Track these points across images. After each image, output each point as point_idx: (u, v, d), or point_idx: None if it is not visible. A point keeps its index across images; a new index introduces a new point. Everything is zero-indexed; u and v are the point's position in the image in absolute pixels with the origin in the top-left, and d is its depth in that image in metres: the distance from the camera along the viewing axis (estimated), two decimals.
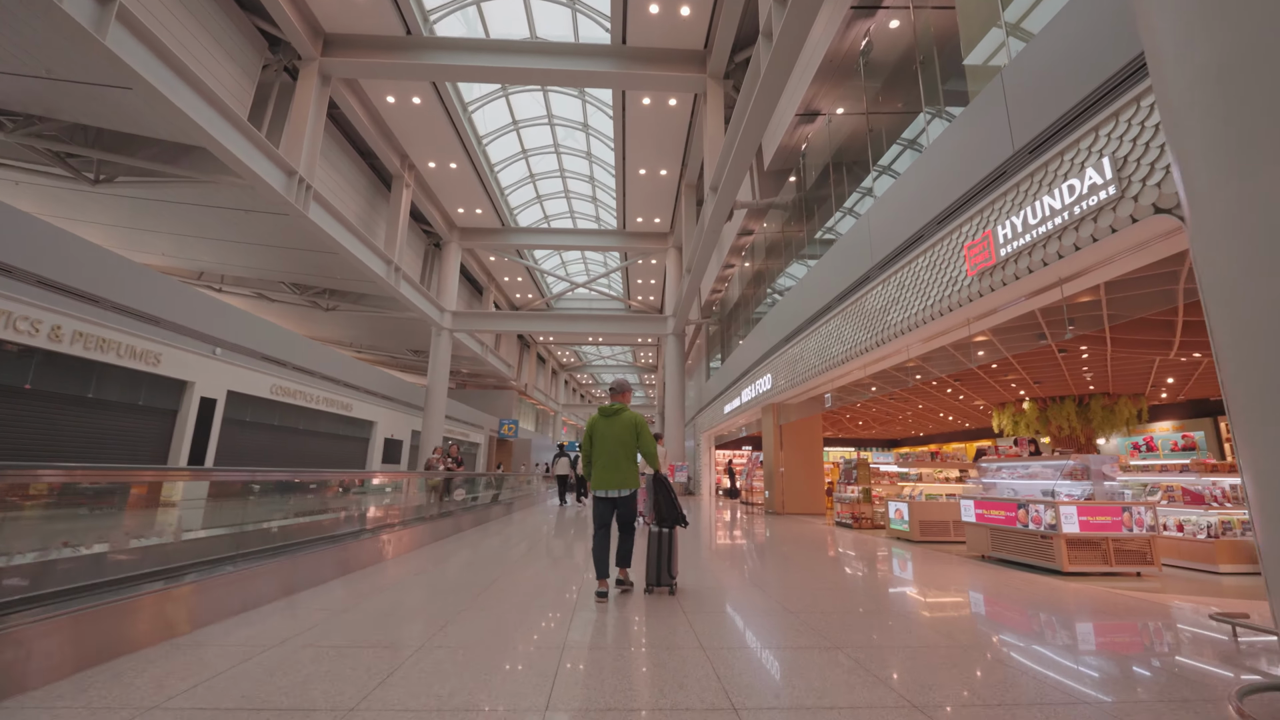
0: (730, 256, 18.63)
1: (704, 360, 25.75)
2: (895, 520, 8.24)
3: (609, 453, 4.33)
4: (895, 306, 7.31)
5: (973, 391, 11.94)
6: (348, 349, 31.00)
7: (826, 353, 9.47)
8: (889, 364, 8.70)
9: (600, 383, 48.00)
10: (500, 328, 23.70)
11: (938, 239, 6.46)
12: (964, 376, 10.21)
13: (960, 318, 6.40)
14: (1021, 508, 5.79)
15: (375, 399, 20.23)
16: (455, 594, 4.56)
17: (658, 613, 3.98)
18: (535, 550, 7.16)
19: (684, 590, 4.68)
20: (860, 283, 8.48)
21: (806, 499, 13.08)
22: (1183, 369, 9.45)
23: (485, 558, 6.53)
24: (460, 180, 20.24)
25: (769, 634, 3.57)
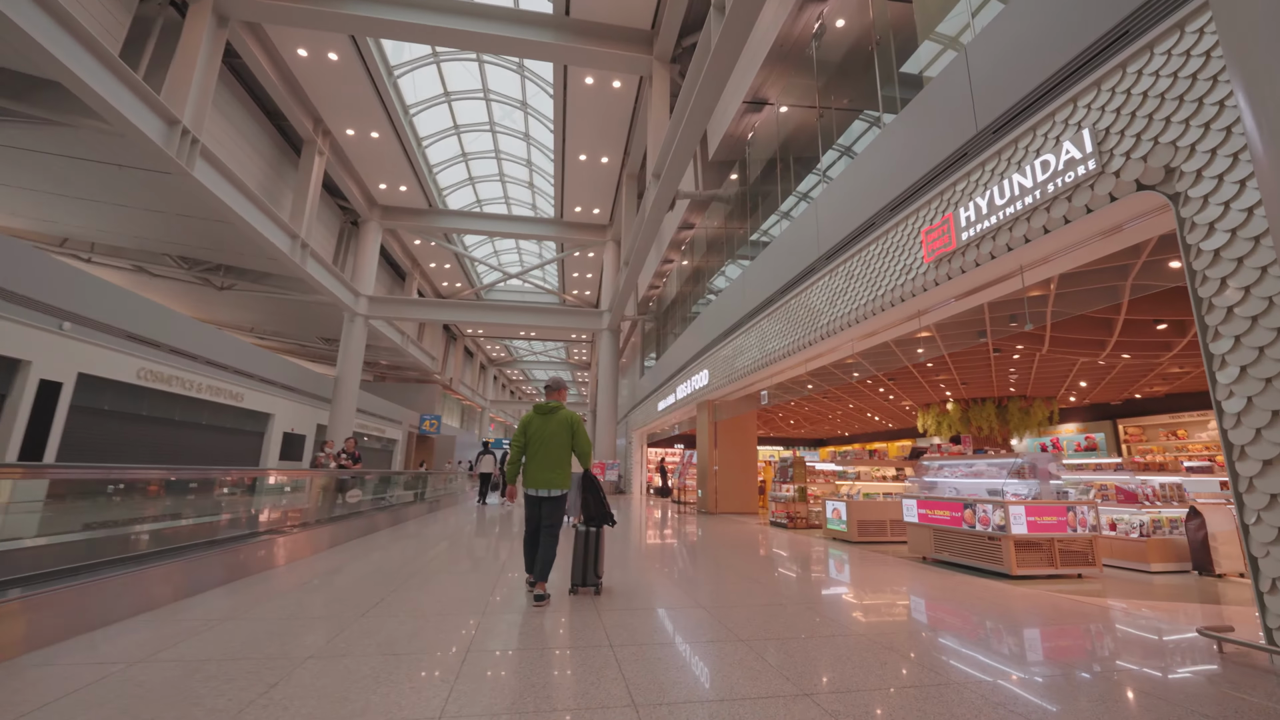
0: (670, 252, 18.15)
1: (638, 358, 25.22)
2: (833, 520, 7.92)
3: (544, 452, 4.23)
4: (842, 298, 6.94)
5: (903, 391, 12.04)
6: (247, 334, 28.07)
7: (766, 348, 9.08)
8: (830, 360, 8.39)
9: (532, 379, 46.42)
10: (423, 316, 22.05)
11: (891, 225, 6.12)
12: (899, 375, 10.17)
13: (912, 309, 6.08)
14: (968, 508, 5.52)
15: (273, 389, 18.14)
16: (350, 601, 4.00)
17: (577, 614, 3.77)
18: (448, 553, 6.27)
19: (610, 590, 4.54)
20: (805, 274, 8.11)
21: (740, 498, 12.74)
22: (1097, 373, 9.83)
23: (393, 561, 5.78)
24: (382, 152, 18.56)
25: (684, 630, 3.43)
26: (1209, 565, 5.36)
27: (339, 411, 20.26)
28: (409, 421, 29.72)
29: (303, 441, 20.22)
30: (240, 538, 5.59)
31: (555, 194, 21.04)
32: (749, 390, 11.42)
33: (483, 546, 7.25)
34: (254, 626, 3.30)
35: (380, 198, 21.20)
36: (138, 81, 10.15)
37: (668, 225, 17.18)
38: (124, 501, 5.06)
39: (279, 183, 17.58)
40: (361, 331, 21.02)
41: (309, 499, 8.04)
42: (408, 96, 17.83)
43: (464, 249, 25.89)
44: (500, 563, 5.74)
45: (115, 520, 4.85)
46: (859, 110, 8.53)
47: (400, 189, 20.58)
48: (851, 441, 22.61)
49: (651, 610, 3.96)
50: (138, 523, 4.97)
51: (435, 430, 30.97)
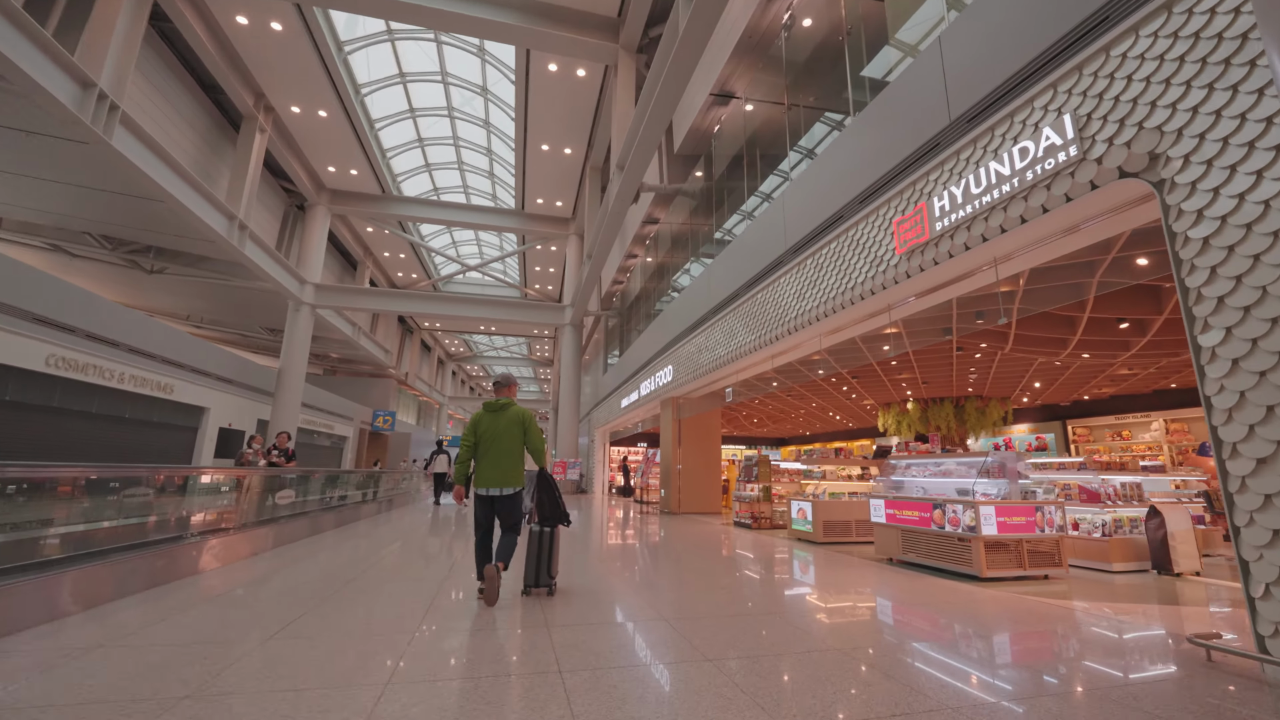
0: (634, 246, 17.79)
1: (601, 355, 24.77)
2: (798, 520, 7.73)
3: (495, 450, 4.08)
4: (811, 292, 6.73)
5: (866, 390, 12.04)
6: (183, 323, 26.25)
7: (732, 343, 8.83)
8: (796, 356, 8.20)
9: (493, 375, 45.33)
10: (375, 307, 21.03)
11: (861, 216, 5.92)
12: (863, 373, 10.12)
13: (881, 303, 5.90)
14: (938, 508, 5.37)
15: (208, 380, 16.90)
16: (267, 617, 3.60)
17: (526, 629, 3.43)
18: (391, 559, 5.77)
19: (566, 593, 4.36)
20: (772, 268, 7.89)
21: (704, 498, 12.51)
22: (1052, 373, 10.01)
23: (330, 567, 5.39)
24: (331, 133, 17.53)
25: (645, 647, 3.15)
26: (1167, 564, 5.37)
27: (282, 406, 19.11)
28: (360, 418, 28.43)
29: (242, 437, 18.95)
30: (162, 541, 5.06)
31: (516, 185, 20.38)
32: (714, 387, 11.18)
33: (429, 551, 6.74)
34: (134, 656, 2.77)
35: (329, 181, 20.08)
36: (45, 38, 9.12)
37: (632, 219, 16.82)
38: (26, 503, 4.41)
39: (215, 160, 16.36)
40: (307, 321, 19.87)
41: (244, 499, 7.50)
42: (360, 75, 16.89)
43: (420, 238, 24.87)
44: (445, 570, 5.27)
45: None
46: (826, 109, 8.37)
47: (351, 173, 19.53)
48: (813, 441, 22.81)
49: (608, 624, 3.59)
50: (38, 526, 4.33)
51: (389, 427, 29.76)
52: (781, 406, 15.31)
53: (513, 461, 4.10)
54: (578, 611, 3.82)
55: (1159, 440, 11.86)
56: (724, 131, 11.71)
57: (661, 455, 13.03)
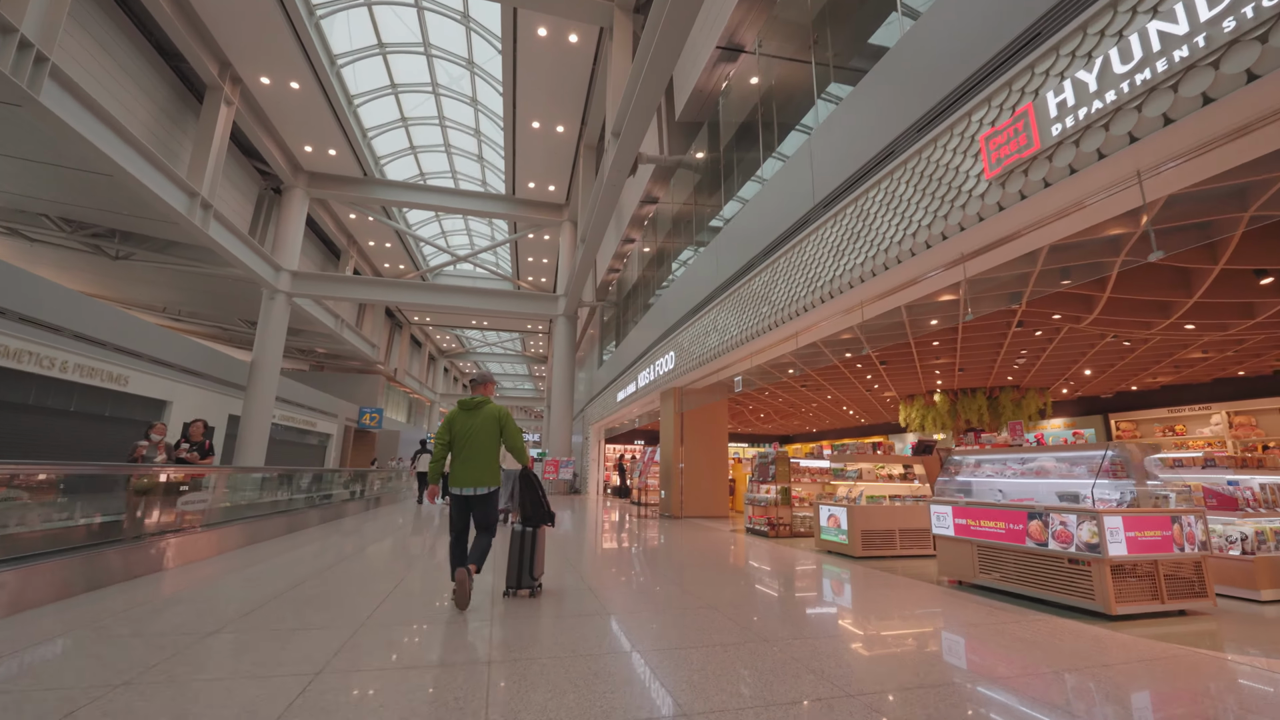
0: (631, 230, 16.37)
1: (596, 349, 23.31)
2: (828, 529, 6.34)
3: (470, 449, 3.92)
4: (852, 247, 5.33)
5: (893, 378, 10.63)
6: (159, 315, 24.68)
7: (744, 322, 7.42)
8: (823, 333, 6.81)
9: (472, 373, 43.72)
10: (355, 295, 19.52)
11: (926, 142, 4.53)
12: (895, 357, 8.75)
13: (951, 251, 4.50)
14: (1036, 518, 3.97)
15: (171, 372, 15.40)
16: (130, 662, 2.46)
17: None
18: (347, 569, 4.60)
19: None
20: (796, 229, 6.49)
21: (708, 500, 11.09)
22: (1113, 356, 8.56)
23: (272, 578, 4.53)
24: (305, 107, 16.04)
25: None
26: None
27: (254, 400, 17.61)
28: (346, 415, 26.91)
29: (211, 434, 17.40)
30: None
31: (506, 167, 18.93)
32: (720, 376, 9.78)
33: (395, 558, 5.33)
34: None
35: (306, 162, 18.58)
36: None
37: (629, 199, 15.41)
38: None
39: (176, 133, 14.86)
40: (283, 311, 18.37)
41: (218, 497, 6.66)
42: (335, 45, 15.44)
43: (407, 227, 23.39)
44: (406, 570, 3.86)
45: None
46: (866, 41, 6.97)
47: (329, 153, 18.04)
48: (821, 438, 21.40)
49: (591, 688, 2.23)
50: None
51: (376, 424, 28.24)
52: (793, 399, 13.90)
53: (488, 460, 3.92)
54: (557, 662, 2.40)
55: (1220, 435, 10.51)
56: (733, 91, 10.30)
57: (661, 453, 11.62)
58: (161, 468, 5.58)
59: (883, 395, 12.44)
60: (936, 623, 3.60)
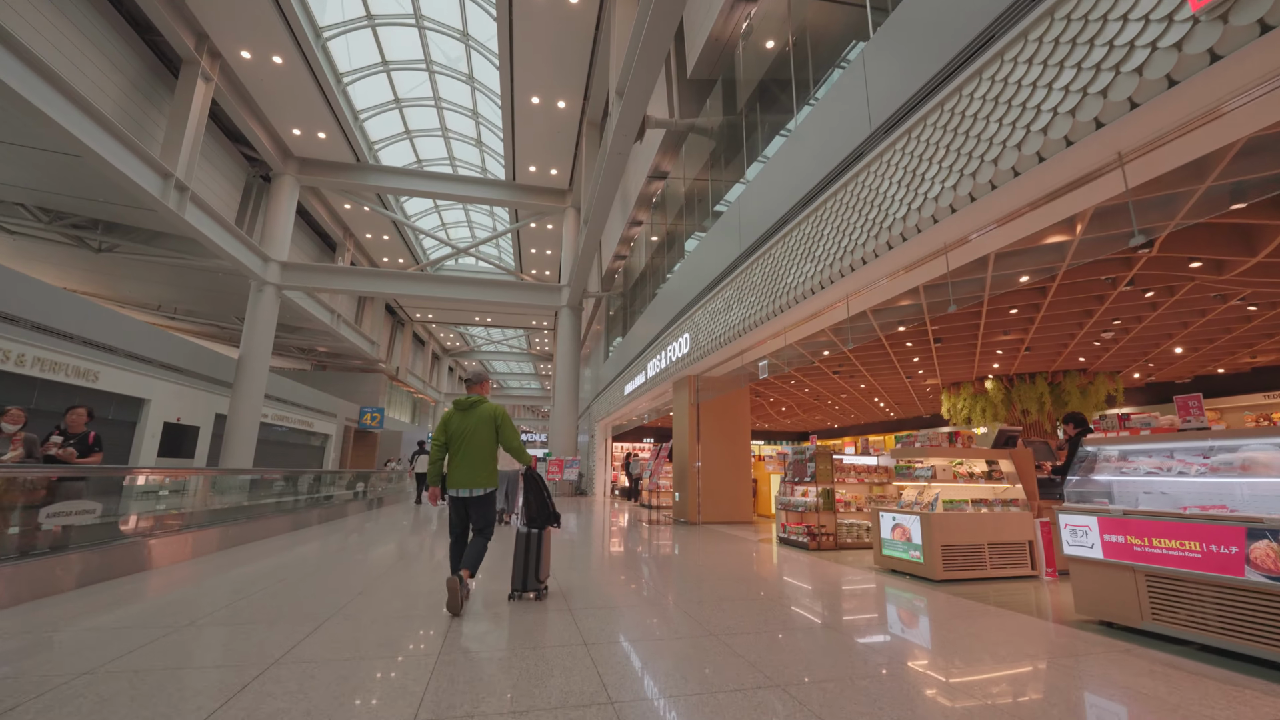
0: (638, 210, 14.99)
1: (602, 344, 21.96)
2: (894, 543, 4.93)
3: (466, 449, 3.78)
4: (935, 169, 3.94)
5: (946, 360, 9.10)
6: (153, 314, 23.62)
7: (779, 289, 6.03)
8: (882, 298, 5.41)
9: (492, 371, 42.53)
10: (348, 287, 18.29)
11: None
12: (955, 331, 7.31)
13: (1104, 150, 3.10)
14: (1266, 538, 2.56)
15: (148, 368, 14.21)
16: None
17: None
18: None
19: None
20: (848, 163, 5.10)
21: (730, 503, 9.68)
22: (1221, 328, 7.04)
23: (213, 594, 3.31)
24: (290, 84, 14.82)
25: None
26: None
27: (242, 399, 16.41)
28: (346, 414, 25.74)
29: (196, 434, 16.26)
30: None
31: (505, 150, 17.63)
32: (743, 360, 8.37)
33: (375, 570, 4.00)
34: None
35: (296, 147, 17.38)
36: None
37: (635, 174, 14.06)
38: None
39: (150, 111, 13.68)
40: (272, 304, 17.17)
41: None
42: (320, 16, 14.21)
43: (405, 217, 22.16)
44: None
45: None
46: None
47: (318, 136, 16.82)
48: (841, 435, 19.89)
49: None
50: None
51: (378, 424, 27.07)
52: (821, 389, 12.40)
53: (484, 461, 3.81)
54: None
55: None
56: (755, 33, 8.90)
57: (675, 451, 10.23)
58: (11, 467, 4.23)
59: (923, 384, 10.98)
60: (1114, 706, 2.19)
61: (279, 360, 29.06)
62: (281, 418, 20.29)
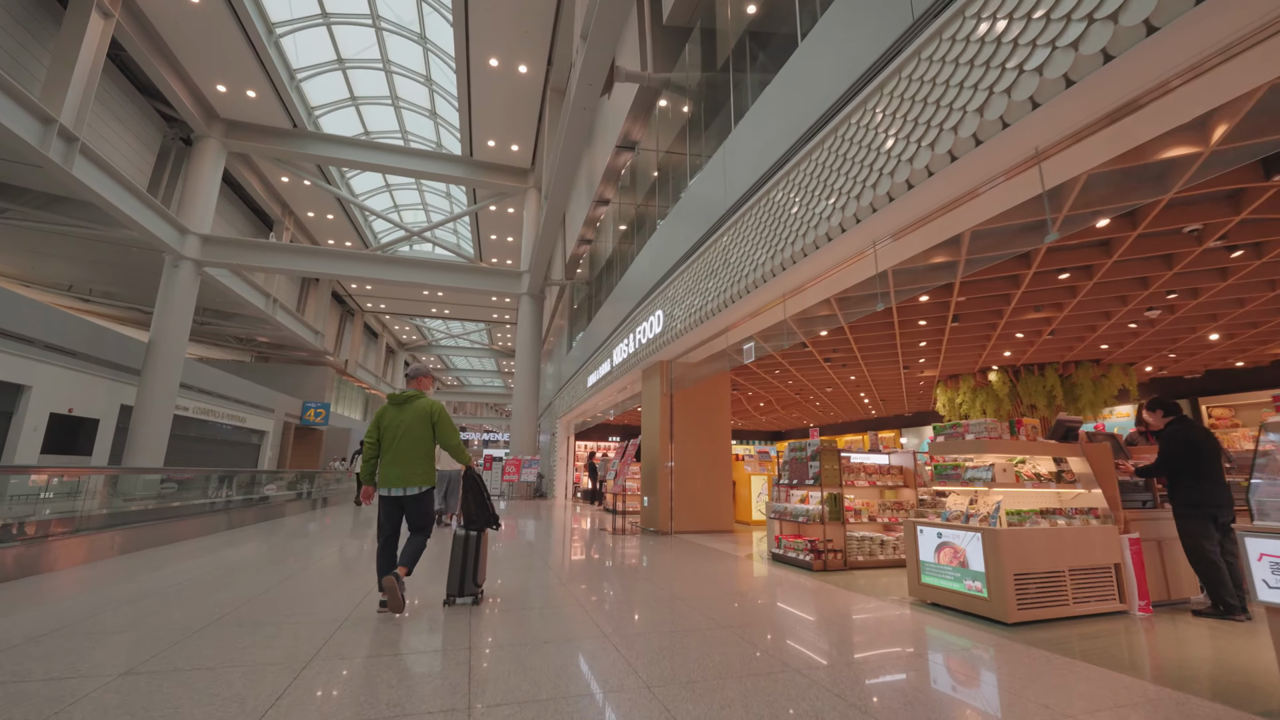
0: (605, 186, 13.51)
1: (565, 338, 20.40)
2: (940, 568, 3.62)
3: (398, 446, 3.56)
4: (1000, 76, 2.65)
5: (957, 344, 7.87)
6: (64, 294, 20.77)
7: (783, 240, 4.70)
8: (915, 249, 4.13)
9: (451, 367, 40.16)
10: (281, 265, 16.18)
11: None
12: (976, 305, 6.14)
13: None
14: None
15: (28, 348, 11.91)
16: None
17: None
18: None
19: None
20: (869, 74, 3.80)
21: (707, 510, 8.29)
22: (1261, 315, 6.11)
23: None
24: (210, 29, 12.75)
25: None
26: None
27: (151, 389, 14.16)
28: (286, 409, 23.33)
29: (94, 427, 13.91)
30: None
31: (461, 120, 15.88)
32: (726, 340, 7.02)
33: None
34: None
35: (221, 107, 15.21)
36: None
37: (602, 145, 12.60)
38: None
39: (33, 46, 11.44)
40: (190, 282, 14.95)
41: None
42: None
43: (351, 195, 20.07)
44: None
45: None
46: None
47: (247, 94, 14.73)
48: (822, 434, 18.82)
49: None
50: None
51: (322, 421, 24.72)
52: (809, 379, 11.06)
53: (419, 458, 3.57)
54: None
55: None
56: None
57: (645, 448, 8.79)
58: None
59: (918, 376, 9.88)
60: None
61: (213, 351, 26.29)
62: (206, 411, 17.93)
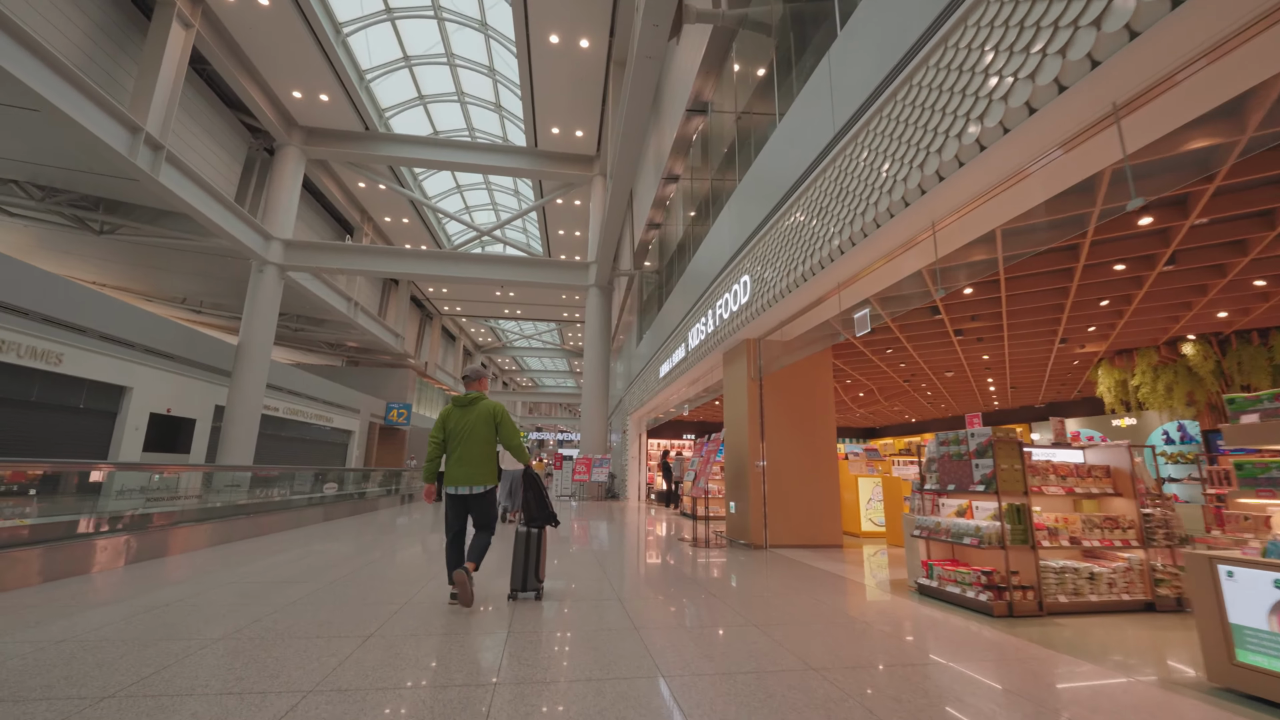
0: (674, 160, 12.21)
1: (634, 335, 19.29)
2: (1275, 641, 2.05)
3: (464, 447, 3.67)
4: None
5: (1154, 298, 5.77)
6: (179, 307, 22.39)
7: (940, 133, 3.20)
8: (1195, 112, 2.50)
9: (525, 368, 40.48)
10: (358, 266, 16.25)
11: None
12: (1207, 235, 4.28)
13: None
14: None
15: (129, 351, 12.38)
16: None
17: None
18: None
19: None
20: None
21: (810, 519, 6.72)
22: None
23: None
24: (282, 32, 12.80)
25: None
26: None
27: (241, 389, 14.51)
28: (371, 410, 23.95)
29: (191, 426, 14.45)
30: None
31: (525, 107, 15.19)
32: (832, 306, 5.48)
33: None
34: None
35: (299, 114, 15.45)
36: None
37: (670, 114, 11.32)
38: None
39: (123, 59, 11.86)
40: (274, 286, 15.27)
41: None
42: None
43: (424, 197, 20.11)
44: None
45: None
46: None
47: (321, 99, 14.82)
48: (920, 430, 16.46)
49: None
50: None
51: (404, 421, 25.22)
52: (930, 360, 9.01)
53: (484, 459, 3.67)
54: None
55: None
56: None
57: (729, 445, 7.37)
58: None
59: (1073, 353, 7.70)
60: None
61: (308, 356, 27.67)
62: (295, 411, 18.48)
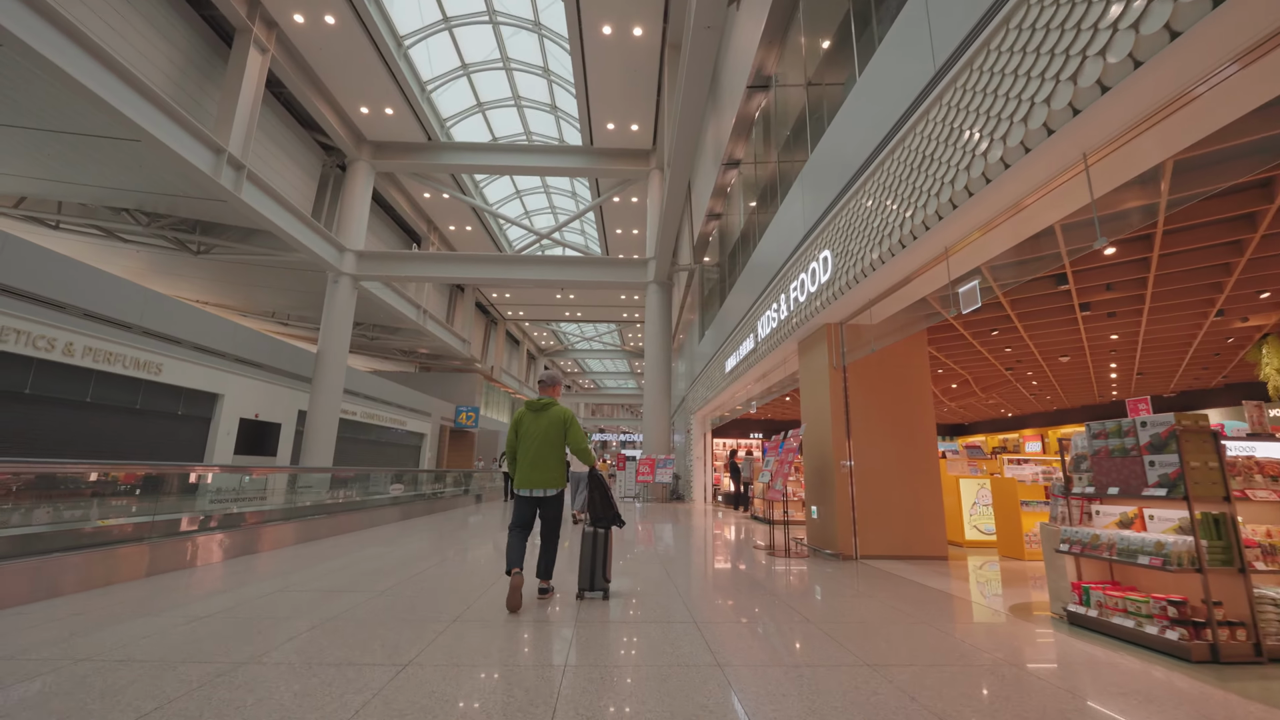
0: (735, 144, 11.50)
1: (695, 333, 18.62)
2: None
3: (535, 450, 3.71)
4: None
5: None
6: (269, 320, 24.08)
7: (1096, 28, 2.43)
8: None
9: (587, 370, 40.72)
10: (424, 273, 16.66)
11: None
12: None
13: None
14: None
15: (220, 361, 13.17)
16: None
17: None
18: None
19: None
20: None
21: (908, 528, 5.84)
22: None
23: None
24: (348, 52, 13.24)
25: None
26: None
27: (321, 394, 15.16)
28: (441, 414, 24.70)
29: (277, 431, 15.27)
30: None
31: (579, 104, 14.97)
32: (934, 278, 4.66)
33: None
34: None
35: (367, 129, 16.03)
36: None
37: (729, 95, 10.64)
38: None
39: (207, 86, 12.63)
40: (348, 296, 15.89)
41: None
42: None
43: (485, 203, 20.43)
44: None
45: None
46: None
47: (386, 112, 15.28)
48: (1021, 426, 14.73)
49: None
50: None
51: (473, 424, 25.84)
52: (1044, 342, 7.80)
53: (555, 462, 3.73)
54: None
55: None
56: None
57: (808, 443, 6.61)
58: None
59: (1228, 328, 6.35)
60: None
61: (384, 364, 29.04)
62: (371, 416, 19.24)
